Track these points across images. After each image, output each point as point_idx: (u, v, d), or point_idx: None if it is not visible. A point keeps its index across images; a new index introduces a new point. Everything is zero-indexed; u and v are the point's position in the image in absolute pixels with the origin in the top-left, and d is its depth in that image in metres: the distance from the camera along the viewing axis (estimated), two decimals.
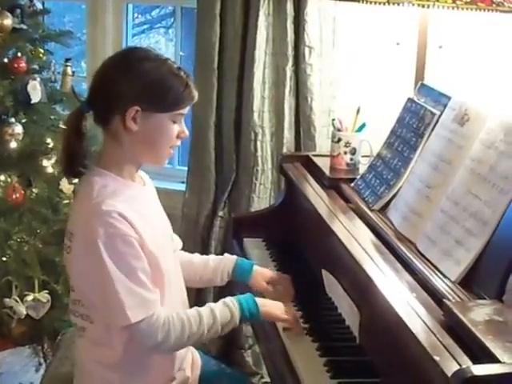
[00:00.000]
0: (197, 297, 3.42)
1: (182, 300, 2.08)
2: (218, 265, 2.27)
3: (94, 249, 1.81)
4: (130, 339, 1.91)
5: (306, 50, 3.22)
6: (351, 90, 3.22)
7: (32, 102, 3.25)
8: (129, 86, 1.87)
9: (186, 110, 1.97)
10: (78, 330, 2.00)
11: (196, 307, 1.98)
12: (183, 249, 2.28)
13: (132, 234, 1.84)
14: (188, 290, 2.15)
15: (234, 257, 2.31)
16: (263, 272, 2.31)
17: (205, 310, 1.95)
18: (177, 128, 1.95)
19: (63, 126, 2.03)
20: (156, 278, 1.91)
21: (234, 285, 2.44)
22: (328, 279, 2.24)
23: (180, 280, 2.09)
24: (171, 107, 1.92)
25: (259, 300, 2.04)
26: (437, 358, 1.45)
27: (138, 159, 1.97)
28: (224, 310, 1.96)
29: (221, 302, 1.99)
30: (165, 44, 5.38)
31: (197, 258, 2.29)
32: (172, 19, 5.07)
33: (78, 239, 1.89)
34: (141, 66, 1.90)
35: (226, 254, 2.34)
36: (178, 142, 1.99)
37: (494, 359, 1.39)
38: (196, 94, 1.97)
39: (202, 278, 2.27)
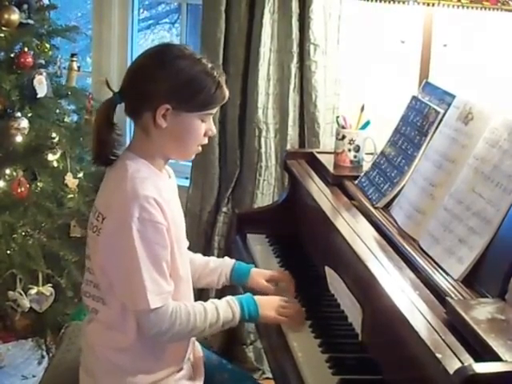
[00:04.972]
0: (199, 297, 3.43)
1: (190, 297, 2.10)
2: (217, 267, 2.29)
3: (126, 231, 1.84)
4: None
5: (311, 48, 3.23)
6: (356, 88, 3.23)
7: (38, 96, 3.27)
8: (162, 84, 1.89)
9: (216, 110, 2.00)
10: (90, 312, 2.03)
11: (201, 301, 2.00)
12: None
13: (163, 222, 1.88)
14: None
15: (233, 260, 2.32)
16: (262, 272, 2.32)
17: (210, 306, 1.98)
18: (205, 126, 1.97)
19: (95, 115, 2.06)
20: (172, 270, 1.94)
21: (237, 285, 2.44)
22: (331, 276, 2.25)
23: (190, 278, 2.10)
24: (201, 107, 1.94)
25: (258, 300, 2.06)
26: (439, 356, 1.46)
27: (166, 153, 2.00)
28: (227, 309, 1.99)
29: (224, 300, 2.02)
30: (170, 40, 5.39)
31: (198, 257, 2.31)
32: (177, 15, 5.08)
33: (110, 220, 1.90)
34: (175, 64, 1.91)
35: (226, 258, 2.35)
36: (206, 140, 2.01)
37: (496, 357, 1.40)
38: (227, 93, 2.00)
39: (200, 278, 2.28)
